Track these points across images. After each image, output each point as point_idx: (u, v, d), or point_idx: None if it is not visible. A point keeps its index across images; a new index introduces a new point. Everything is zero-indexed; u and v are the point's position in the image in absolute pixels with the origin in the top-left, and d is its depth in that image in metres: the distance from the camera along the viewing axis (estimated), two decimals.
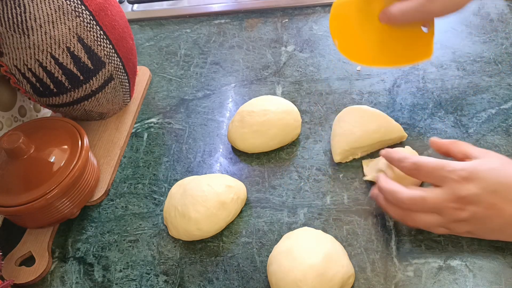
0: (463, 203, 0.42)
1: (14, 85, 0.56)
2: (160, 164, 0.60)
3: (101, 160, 0.60)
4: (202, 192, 0.50)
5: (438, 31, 0.53)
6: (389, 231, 0.48)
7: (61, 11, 0.51)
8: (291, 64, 0.70)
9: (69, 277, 0.51)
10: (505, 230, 0.43)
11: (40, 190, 0.49)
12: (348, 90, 0.64)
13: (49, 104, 0.59)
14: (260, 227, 0.51)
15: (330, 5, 0.78)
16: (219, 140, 0.61)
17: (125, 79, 0.62)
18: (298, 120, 0.57)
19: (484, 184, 0.41)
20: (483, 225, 0.43)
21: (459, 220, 0.42)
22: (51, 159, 0.51)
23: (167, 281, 0.48)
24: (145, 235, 0.53)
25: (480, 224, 0.43)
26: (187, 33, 0.79)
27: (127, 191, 0.58)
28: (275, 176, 0.56)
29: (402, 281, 0.44)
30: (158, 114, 0.66)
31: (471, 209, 0.41)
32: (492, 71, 0.62)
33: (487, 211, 0.41)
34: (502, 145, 0.53)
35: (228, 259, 0.49)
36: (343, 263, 0.43)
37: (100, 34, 0.55)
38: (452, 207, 0.42)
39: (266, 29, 0.77)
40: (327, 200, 0.52)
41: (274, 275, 0.43)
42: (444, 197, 0.42)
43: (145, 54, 0.77)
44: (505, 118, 0.56)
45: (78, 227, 0.55)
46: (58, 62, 0.53)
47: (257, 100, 0.59)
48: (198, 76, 0.71)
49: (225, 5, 0.82)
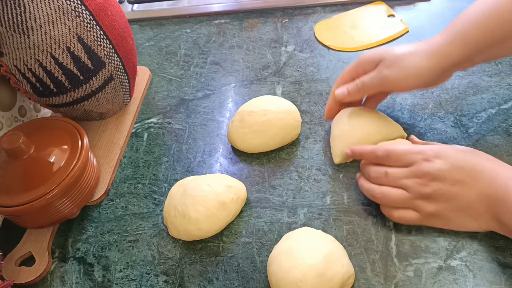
0: (427, 179, 0.43)
1: (14, 85, 0.56)
2: (160, 164, 0.60)
3: (101, 160, 0.60)
4: (202, 192, 0.50)
5: (438, 31, 0.53)
6: (389, 231, 0.48)
7: (61, 11, 0.51)
8: (291, 64, 0.70)
9: (69, 277, 0.51)
10: (471, 208, 0.43)
11: (40, 190, 0.49)
12: None
13: (49, 104, 0.59)
14: (260, 227, 0.51)
15: (330, 5, 0.79)
16: (219, 140, 0.61)
17: (125, 79, 0.62)
18: (298, 120, 0.57)
19: (450, 160, 0.43)
20: (448, 203, 0.44)
21: (424, 197, 0.44)
22: (51, 159, 0.51)
23: (167, 281, 0.48)
24: (145, 235, 0.53)
25: (446, 202, 0.44)
26: (187, 33, 0.79)
27: (127, 191, 0.58)
28: (275, 176, 0.56)
29: (402, 281, 0.44)
30: (158, 114, 0.66)
31: (436, 185, 0.43)
32: (492, 71, 0.62)
33: (452, 187, 0.43)
34: (502, 145, 0.53)
35: (228, 259, 0.49)
36: (343, 263, 0.43)
37: (100, 34, 0.55)
38: (417, 182, 0.44)
39: (266, 29, 0.77)
40: (327, 200, 0.52)
41: (274, 275, 0.43)
42: (407, 173, 0.45)
43: (145, 54, 0.77)
44: (505, 118, 0.56)
45: (78, 227, 0.55)
46: (58, 62, 0.53)
47: (257, 100, 0.59)
48: (198, 76, 0.71)
49: (225, 5, 0.83)
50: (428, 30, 0.70)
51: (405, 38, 0.70)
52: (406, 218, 0.46)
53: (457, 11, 0.53)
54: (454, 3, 0.74)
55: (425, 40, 0.50)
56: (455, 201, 0.43)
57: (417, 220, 0.46)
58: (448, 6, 0.74)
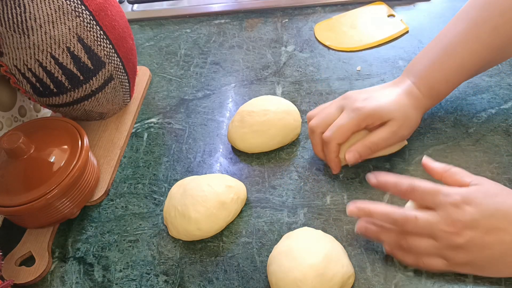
0: (459, 227, 0.40)
1: (14, 85, 0.56)
2: (160, 164, 0.60)
3: (101, 160, 0.60)
4: (202, 192, 0.50)
5: (438, 31, 0.53)
6: None
7: (61, 11, 0.51)
8: (291, 64, 0.70)
9: (69, 277, 0.51)
10: (507, 256, 0.40)
11: (40, 190, 0.49)
12: (348, 90, 0.63)
13: (49, 104, 0.59)
14: (260, 227, 0.51)
15: (330, 5, 0.79)
16: (219, 140, 0.61)
17: (125, 79, 0.62)
18: (298, 120, 0.57)
19: (481, 208, 0.40)
20: (481, 253, 0.40)
21: (455, 247, 0.40)
22: (51, 159, 0.51)
23: (167, 281, 0.48)
24: (145, 235, 0.53)
25: (478, 252, 0.40)
26: (187, 33, 0.79)
27: (127, 191, 0.58)
28: (275, 176, 0.56)
29: (402, 281, 0.44)
30: (158, 114, 0.66)
31: (468, 234, 0.40)
32: (492, 71, 0.62)
33: (485, 236, 0.39)
34: (502, 145, 0.53)
35: (228, 259, 0.49)
36: (343, 263, 0.43)
37: (100, 34, 0.55)
38: (447, 230, 0.40)
39: (266, 29, 0.77)
40: (327, 200, 0.52)
41: (274, 275, 0.43)
42: (438, 219, 0.41)
43: (145, 54, 0.77)
44: (505, 118, 0.56)
45: (78, 227, 0.55)
46: (58, 62, 0.53)
47: (257, 100, 0.59)
48: (198, 76, 0.71)
49: (225, 5, 0.83)
50: (428, 30, 0.70)
51: (405, 38, 0.70)
52: (434, 267, 0.43)
53: (457, 11, 0.53)
54: (454, 3, 0.74)
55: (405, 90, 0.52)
56: (488, 250, 0.40)
57: (446, 268, 0.42)
58: (448, 6, 0.74)
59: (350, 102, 0.51)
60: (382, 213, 0.44)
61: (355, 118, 0.50)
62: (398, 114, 0.50)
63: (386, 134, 0.50)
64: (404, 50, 0.68)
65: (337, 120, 0.51)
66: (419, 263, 0.43)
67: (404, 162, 0.54)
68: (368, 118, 0.50)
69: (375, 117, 0.50)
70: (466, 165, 0.52)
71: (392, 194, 0.49)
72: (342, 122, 0.50)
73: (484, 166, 0.51)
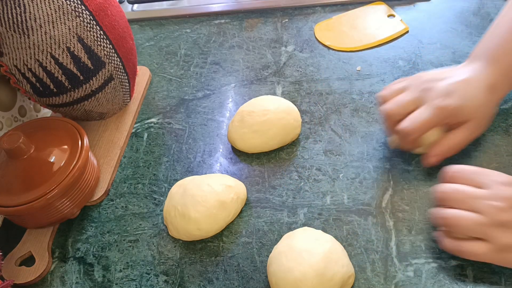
0: (508, 204, 0.39)
1: (14, 85, 0.56)
2: (160, 164, 0.60)
3: (101, 160, 0.60)
4: (202, 192, 0.50)
5: (438, 31, 0.53)
6: (389, 231, 0.48)
7: (61, 11, 0.51)
8: (291, 64, 0.70)
9: (69, 277, 0.51)
10: None
11: (40, 190, 0.49)
12: (348, 90, 0.64)
13: (49, 104, 0.59)
14: (260, 227, 0.51)
15: (330, 5, 0.79)
16: (219, 140, 0.61)
17: (125, 79, 0.62)
18: (298, 120, 0.57)
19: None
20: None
21: (501, 224, 0.39)
22: (51, 159, 0.51)
23: (167, 281, 0.48)
24: (145, 235, 0.53)
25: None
26: (187, 33, 0.79)
27: (127, 191, 0.58)
28: (275, 176, 0.56)
29: (402, 281, 0.44)
30: (158, 114, 0.66)
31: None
32: None
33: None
34: (502, 145, 0.53)
35: (228, 259, 0.49)
36: (343, 263, 0.43)
37: (100, 34, 0.55)
38: (495, 205, 0.40)
39: (266, 29, 0.77)
40: (327, 200, 0.52)
41: (274, 275, 0.43)
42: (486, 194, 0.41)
43: (145, 54, 0.77)
44: (505, 118, 0.56)
45: (78, 227, 0.55)
46: (58, 62, 0.53)
47: (257, 100, 0.59)
48: (198, 76, 0.71)
49: (225, 5, 0.82)
50: (428, 30, 0.70)
51: (405, 38, 0.70)
52: (476, 253, 0.41)
53: (457, 11, 0.53)
54: (454, 3, 0.74)
55: (487, 84, 0.50)
56: None
57: (489, 254, 0.41)
58: (448, 6, 0.74)
59: (430, 96, 0.49)
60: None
61: (438, 115, 0.48)
62: (480, 114, 0.50)
63: (467, 135, 0.50)
64: (404, 50, 0.68)
65: (418, 114, 0.49)
66: (463, 247, 0.42)
67: (404, 162, 0.54)
68: (451, 118, 0.49)
69: (458, 117, 0.49)
70: (466, 165, 0.51)
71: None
72: (424, 118, 0.48)
73: (484, 166, 0.51)
